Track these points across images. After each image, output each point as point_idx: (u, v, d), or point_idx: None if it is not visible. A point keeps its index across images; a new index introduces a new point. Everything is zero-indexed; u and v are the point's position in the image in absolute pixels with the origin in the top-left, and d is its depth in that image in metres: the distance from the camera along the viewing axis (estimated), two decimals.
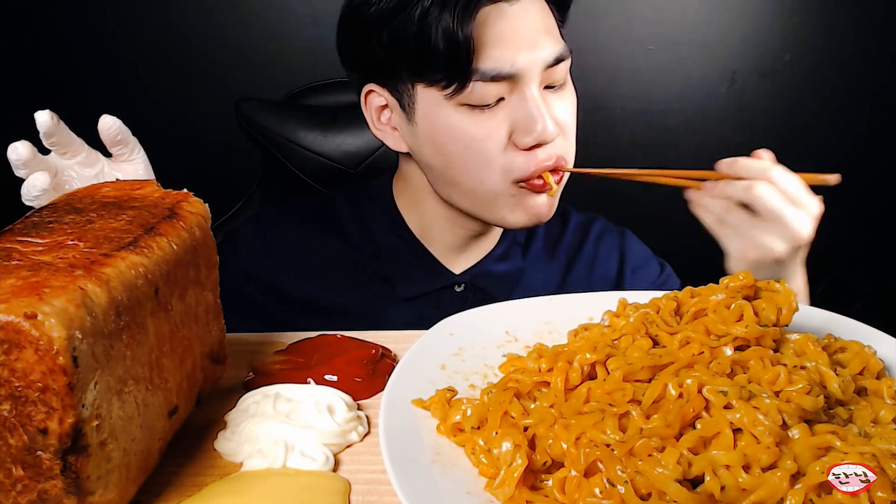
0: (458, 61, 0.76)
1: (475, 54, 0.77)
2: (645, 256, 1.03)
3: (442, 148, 0.82)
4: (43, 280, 0.40)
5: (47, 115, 0.63)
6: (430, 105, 0.81)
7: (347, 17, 0.85)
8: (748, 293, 0.55)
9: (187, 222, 0.52)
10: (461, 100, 0.79)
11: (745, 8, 1.72)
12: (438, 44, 0.76)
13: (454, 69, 0.77)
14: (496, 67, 0.77)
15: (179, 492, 0.49)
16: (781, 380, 0.48)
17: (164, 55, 1.68)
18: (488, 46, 0.77)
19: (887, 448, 0.44)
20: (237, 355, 0.64)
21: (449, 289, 0.93)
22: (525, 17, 0.79)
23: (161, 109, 1.69)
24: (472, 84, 0.78)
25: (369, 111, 0.89)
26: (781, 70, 1.75)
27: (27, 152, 0.63)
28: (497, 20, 0.78)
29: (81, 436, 0.40)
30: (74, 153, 0.67)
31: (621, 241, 1.03)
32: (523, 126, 0.79)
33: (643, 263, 1.02)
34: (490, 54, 0.77)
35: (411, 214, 0.95)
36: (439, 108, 0.80)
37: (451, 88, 0.78)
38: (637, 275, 1.00)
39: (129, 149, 0.69)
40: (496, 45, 0.77)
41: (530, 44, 0.79)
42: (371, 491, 0.49)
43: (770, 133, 1.78)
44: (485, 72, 0.77)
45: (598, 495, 0.44)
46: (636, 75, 1.72)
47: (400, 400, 0.53)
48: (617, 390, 0.50)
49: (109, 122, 0.67)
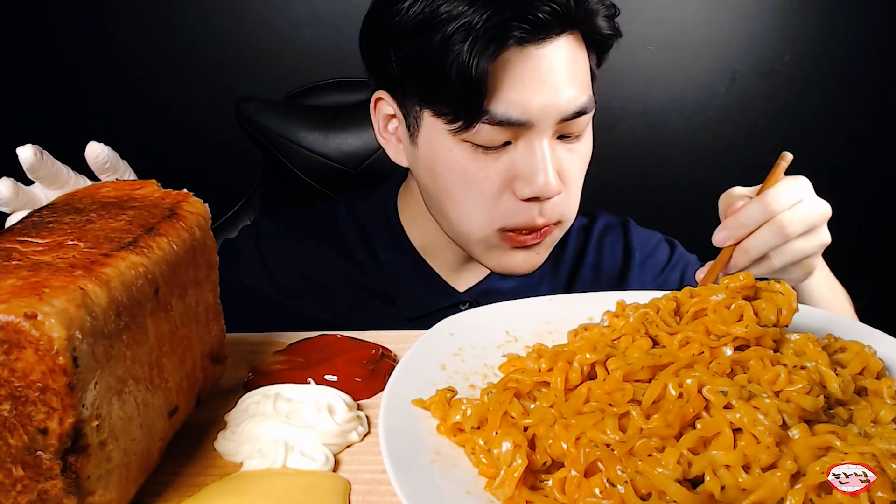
0: (469, 99, 0.72)
1: (488, 95, 0.73)
2: (652, 244, 1.00)
3: (438, 178, 0.80)
4: (43, 280, 0.40)
5: (30, 151, 0.60)
6: (433, 133, 0.78)
7: (372, 15, 0.81)
8: (748, 293, 0.55)
9: (187, 222, 0.52)
10: (466, 137, 0.75)
11: (745, 8, 1.72)
12: (451, 76, 0.72)
13: (463, 106, 0.73)
14: (506, 113, 0.73)
15: (179, 492, 0.49)
16: (781, 380, 0.48)
17: (164, 55, 1.69)
18: (504, 89, 0.73)
19: (887, 448, 0.44)
20: (237, 355, 0.64)
21: (454, 308, 0.89)
22: (551, 63, 0.74)
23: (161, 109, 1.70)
24: (479, 125, 0.74)
25: (377, 117, 0.86)
26: (781, 70, 1.75)
27: (8, 192, 0.60)
28: (519, 62, 0.73)
29: (81, 436, 0.40)
30: (62, 184, 0.63)
31: (624, 234, 0.99)
32: (524, 176, 0.75)
33: (650, 252, 0.99)
34: (503, 97, 0.73)
35: (413, 229, 0.92)
36: (443, 139, 0.77)
37: (457, 125, 0.75)
38: (646, 265, 0.98)
39: (120, 174, 0.65)
40: (512, 88, 0.73)
41: (550, 92, 0.73)
42: (371, 491, 0.49)
43: (770, 133, 1.78)
44: (494, 115, 0.73)
45: (598, 495, 0.44)
46: (636, 75, 1.72)
47: (400, 400, 0.53)
48: (617, 390, 0.50)
49: (97, 150, 0.63)
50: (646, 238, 1.00)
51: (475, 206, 0.78)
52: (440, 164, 0.79)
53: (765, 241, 0.67)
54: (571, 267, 0.97)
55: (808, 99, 1.77)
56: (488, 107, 0.73)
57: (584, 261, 0.97)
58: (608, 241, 0.99)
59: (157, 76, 1.70)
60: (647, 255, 0.98)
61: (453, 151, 0.77)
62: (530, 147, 0.75)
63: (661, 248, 1.00)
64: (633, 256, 0.98)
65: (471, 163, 0.77)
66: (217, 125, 1.47)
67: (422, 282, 0.92)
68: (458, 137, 0.76)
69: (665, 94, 1.74)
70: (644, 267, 0.97)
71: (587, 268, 0.97)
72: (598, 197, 1.17)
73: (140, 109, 1.70)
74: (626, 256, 0.98)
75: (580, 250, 0.98)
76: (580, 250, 0.98)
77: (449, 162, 0.78)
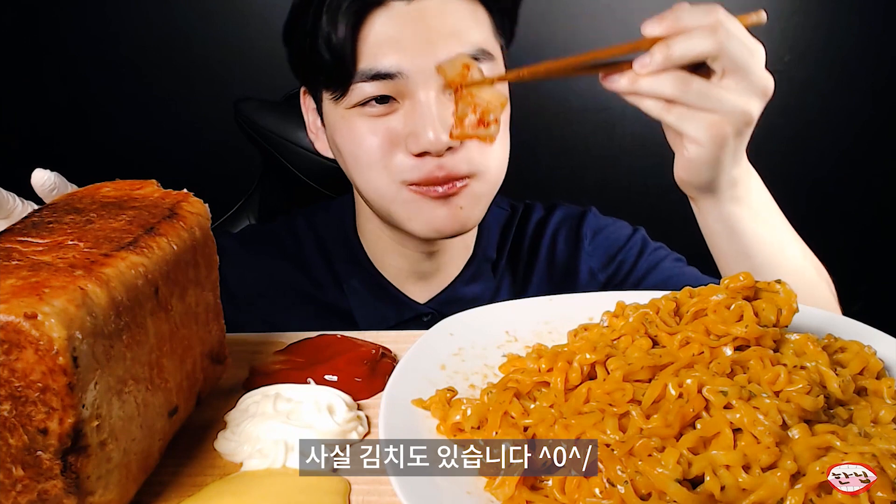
0: (340, 65, 0.76)
1: (359, 55, 0.76)
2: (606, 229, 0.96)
3: (342, 153, 0.82)
4: (43, 280, 0.40)
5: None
6: (329, 110, 0.82)
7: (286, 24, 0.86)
8: (748, 293, 0.55)
9: (187, 222, 0.52)
10: (351, 102, 0.78)
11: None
12: (322, 51, 0.76)
13: (335, 71, 0.77)
14: (374, 67, 0.75)
15: (179, 492, 0.49)
16: (781, 380, 0.48)
17: (164, 55, 1.69)
18: (372, 45, 0.76)
19: (887, 448, 0.44)
20: (237, 355, 0.64)
21: (415, 321, 0.89)
22: (421, 17, 0.75)
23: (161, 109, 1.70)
24: (355, 86, 0.77)
25: (306, 113, 0.90)
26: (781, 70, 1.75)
27: None
28: (387, 22, 0.76)
29: (81, 436, 0.40)
30: (7, 214, 0.60)
31: (577, 224, 0.97)
32: (412, 131, 0.76)
33: (602, 236, 0.96)
34: (372, 53, 0.76)
35: (367, 238, 0.92)
36: (336, 113, 0.80)
37: (337, 92, 0.78)
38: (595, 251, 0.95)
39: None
40: (381, 44, 0.75)
41: (424, 44, 0.75)
42: (371, 491, 0.49)
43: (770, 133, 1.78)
44: (364, 71, 0.76)
45: (598, 495, 0.44)
46: None
47: (400, 400, 0.53)
48: (617, 390, 0.50)
49: (43, 178, 0.61)
50: (602, 225, 0.97)
51: (372, 165, 0.79)
52: (340, 138, 0.81)
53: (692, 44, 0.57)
54: (527, 263, 0.96)
55: (808, 99, 1.77)
56: (360, 66, 0.76)
57: (539, 255, 0.96)
58: (562, 232, 0.97)
59: (158, 76, 1.70)
60: (598, 242, 0.96)
61: (346, 120, 0.79)
62: (415, 103, 0.76)
63: (617, 233, 0.96)
64: (583, 244, 0.96)
65: (362, 127, 0.79)
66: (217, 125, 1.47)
67: (379, 296, 0.91)
68: (345, 106, 0.79)
69: None
70: (594, 254, 0.95)
71: (541, 262, 0.95)
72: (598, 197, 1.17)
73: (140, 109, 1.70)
74: (575, 245, 0.96)
75: (535, 245, 0.97)
76: (535, 245, 0.97)
77: (345, 132, 0.80)
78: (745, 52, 0.58)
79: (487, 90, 0.67)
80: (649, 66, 0.59)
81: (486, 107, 0.66)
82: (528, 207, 1.01)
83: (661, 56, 0.58)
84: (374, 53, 0.76)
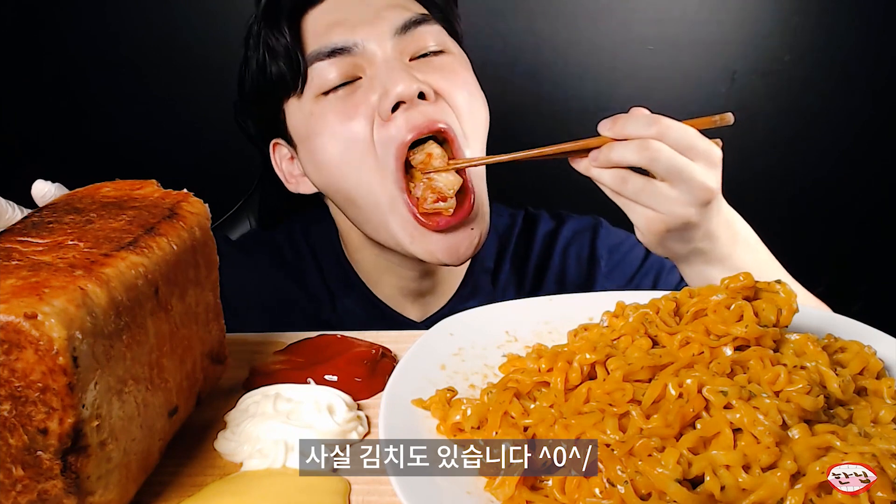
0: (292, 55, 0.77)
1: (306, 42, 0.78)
2: (622, 250, 0.94)
3: (317, 156, 0.80)
4: (43, 280, 0.40)
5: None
6: (294, 114, 0.82)
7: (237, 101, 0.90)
8: (748, 294, 0.55)
9: (187, 222, 0.52)
10: (313, 90, 0.78)
11: (745, 8, 1.72)
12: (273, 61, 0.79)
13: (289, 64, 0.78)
14: (329, 43, 0.77)
15: (179, 492, 0.49)
16: (781, 380, 0.48)
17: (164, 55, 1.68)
18: (321, 32, 0.78)
19: (887, 448, 0.44)
20: (237, 355, 0.64)
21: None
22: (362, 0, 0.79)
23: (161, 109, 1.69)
24: (311, 67, 0.78)
25: (279, 167, 0.89)
26: (781, 70, 1.75)
27: None
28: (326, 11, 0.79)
29: (81, 436, 0.40)
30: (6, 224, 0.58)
31: (591, 240, 0.95)
32: (381, 92, 0.76)
33: (619, 259, 0.94)
34: (321, 33, 0.78)
35: (358, 267, 0.90)
36: (301, 109, 0.80)
37: (297, 84, 0.79)
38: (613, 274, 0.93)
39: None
40: (328, 27, 0.78)
41: (371, 16, 0.78)
42: (371, 491, 0.49)
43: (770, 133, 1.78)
44: (319, 51, 0.77)
45: (598, 495, 0.44)
46: (636, 75, 1.72)
47: (400, 400, 0.53)
48: (617, 390, 0.50)
49: (43, 189, 0.61)
50: (616, 242, 0.95)
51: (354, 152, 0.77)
52: (313, 139, 0.80)
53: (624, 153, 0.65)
54: (534, 277, 0.93)
55: (808, 99, 1.77)
56: (311, 48, 0.78)
57: (549, 270, 0.93)
58: (574, 248, 0.94)
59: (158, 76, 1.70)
60: (614, 264, 0.94)
61: (315, 113, 0.79)
62: (375, 68, 0.77)
63: (632, 253, 0.94)
64: (599, 266, 0.93)
65: (333, 113, 0.78)
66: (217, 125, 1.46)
67: (373, 316, 0.89)
68: (310, 96, 0.79)
69: (665, 94, 1.73)
70: (610, 276, 0.93)
71: (551, 278, 0.92)
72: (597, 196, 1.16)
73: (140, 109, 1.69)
74: (591, 265, 0.93)
75: (544, 258, 0.94)
76: (544, 258, 0.94)
77: (317, 127, 0.79)
78: (676, 164, 0.64)
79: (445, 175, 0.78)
80: (596, 161, 0.67)
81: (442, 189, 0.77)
82: (532, 216, 0.97)
83: (604, 157, 0.66)
84: (323, 34, 0.77)
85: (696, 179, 0.64)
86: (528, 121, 1.67)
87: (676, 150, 0.64)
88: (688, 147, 0.64)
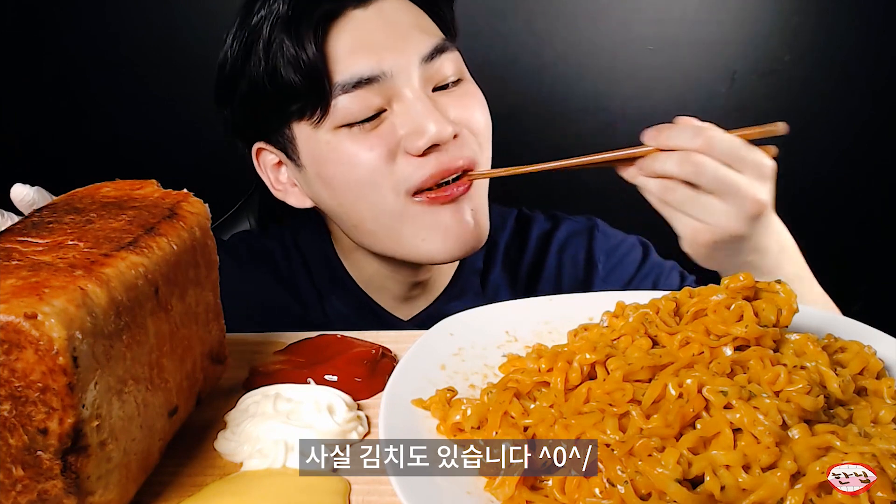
0: (313, 83, 0.71)
1: (330, 70, 0.72)
2: (619, 253, 0.93)
3: (331, 182, 0.76)
4: (43, 280, 0.40)
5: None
6: (307, 140, 0.76)
7: (217, 87, 0.82)
8: (748, 294, 0.55)
9: (187, 222, 0.52)
10: (334, 122, 0.73)
11: (745, 8, 1.72)
12: (289, 74, 0.71)
13: (311, 93, 0.72)
14: (356, 73, 0.72)
15: (179, 492, 0.49)
16: (781, 380, 0.48)
17: (164, 55, 1.68)
18: (345, 57, 0.72)
19: (887, 448, 0.44)
20: (237, 355, 0.64)
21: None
22: (384, 19, 0.74)
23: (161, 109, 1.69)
24: (335, 100, 0.72)
25: (265, 172, 0.84)
26: (781, 70, 1.75)
27: None
28: (350, 30, 0.73)
29: (81, 436, 0.40)
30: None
31: (588, 242, 0.93)
32: (412, 130, 0.72)
33: (616, 263, 0.92)
34: (346, 62, 0.72)
35: (351, 263, 0.89)
36: (317, 138, 0.74)
37: (316, 114, 0.73)
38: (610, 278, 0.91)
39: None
40: (354, 52, 0.72)
41: (397, 41, 0.73)
42: (371, 491, 0.49)
43: None
44: (345, 82, 0.72)
45: (598, 495, 0.44)
46: (636, 75, 1.72)
47: (400, 400, 0.53)
48: (617, 390, 0.50)
49: (22, 193, 0.60)
50: (613, 245, 0.93)
51: (370, 182, 0.74)
52: (328, 167, 0.75)
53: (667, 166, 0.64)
54: (528, 279, 0.91)
55: (808, 99, 1.77)
56: (335, 79, 0.72)
57: (543, 273, 0.91)
58: (569, 251, 0.92)
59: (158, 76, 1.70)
60: (611, 267, 0.92)
61: (331, 143, 0.74)
62: (405, 103, 0.73)
63: (630, 256, 0.92)
64: (596, 269, 0.91)
65: (352, 144, 0.73)
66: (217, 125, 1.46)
67: (363, 316, 0.88)
68: (328, 127, 0.73)
69: (665, 94, 1.74)
70: (608, 280, 0.91)
71: (546, 281, 0.91)
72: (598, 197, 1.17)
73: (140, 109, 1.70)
74: (588, 269, 0.92)
75: (539, 260, 0.92)
76: (539, 260, 0.92)
77: (333, 157, 0.74)
78: (722, 177, 0.62)
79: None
80: (643, 170, 0.67)
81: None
82: (525, 217, 0.96)
83: (647, 167, 0.66)
84: (347, 63, 0.72)
85: (744, 192, 0.62)
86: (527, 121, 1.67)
87: (723, 162, 0.62)
88: (735, 159, 0.62)
